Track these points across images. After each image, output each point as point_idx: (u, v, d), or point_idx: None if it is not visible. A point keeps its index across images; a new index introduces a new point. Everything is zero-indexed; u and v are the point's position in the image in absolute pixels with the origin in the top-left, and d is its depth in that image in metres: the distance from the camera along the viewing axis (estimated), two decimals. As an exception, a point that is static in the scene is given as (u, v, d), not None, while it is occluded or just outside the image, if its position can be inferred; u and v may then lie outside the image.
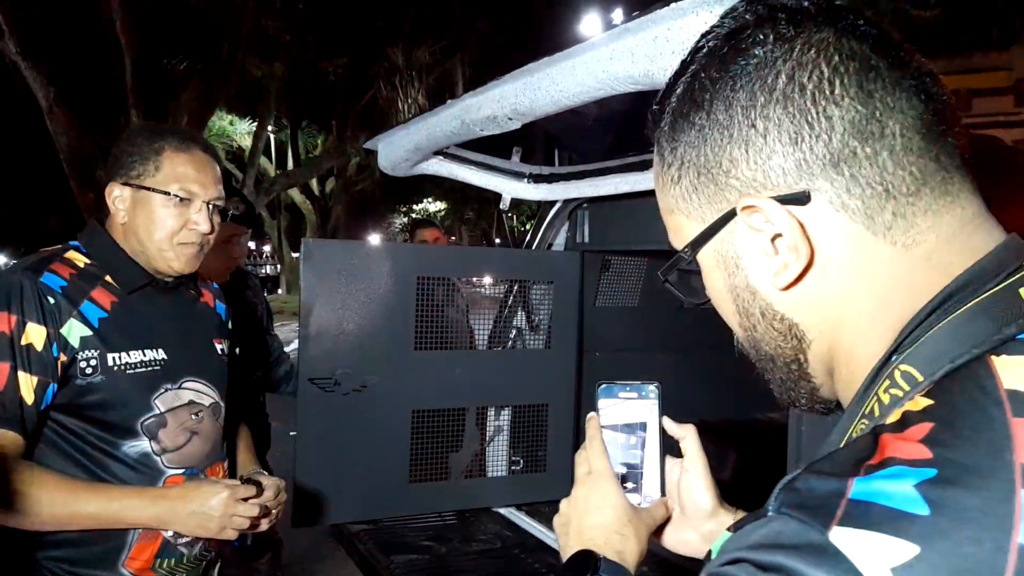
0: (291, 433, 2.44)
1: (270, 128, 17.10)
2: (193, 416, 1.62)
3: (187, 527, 1.49)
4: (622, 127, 2.35)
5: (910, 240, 0.51)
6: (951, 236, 0.51)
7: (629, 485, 0.86)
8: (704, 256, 0.59)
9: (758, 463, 3.27)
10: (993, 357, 0.44)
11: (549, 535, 2.63)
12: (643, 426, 0.88)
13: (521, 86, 1.74)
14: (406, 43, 13.70)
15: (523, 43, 14.67)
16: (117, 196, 1.56)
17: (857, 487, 0.40)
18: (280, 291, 25.86)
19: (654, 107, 0.61)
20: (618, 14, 13.15)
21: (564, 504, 0.87)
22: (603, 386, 0.90)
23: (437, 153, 2.48)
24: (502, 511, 2.79)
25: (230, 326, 1.90)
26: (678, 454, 0.91)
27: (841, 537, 0.38)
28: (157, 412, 1.55)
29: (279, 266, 25.16)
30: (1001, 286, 0.48)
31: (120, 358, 1.50)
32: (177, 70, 10.55)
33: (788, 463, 2.01)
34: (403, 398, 2.49)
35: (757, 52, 0.52)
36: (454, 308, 2.92)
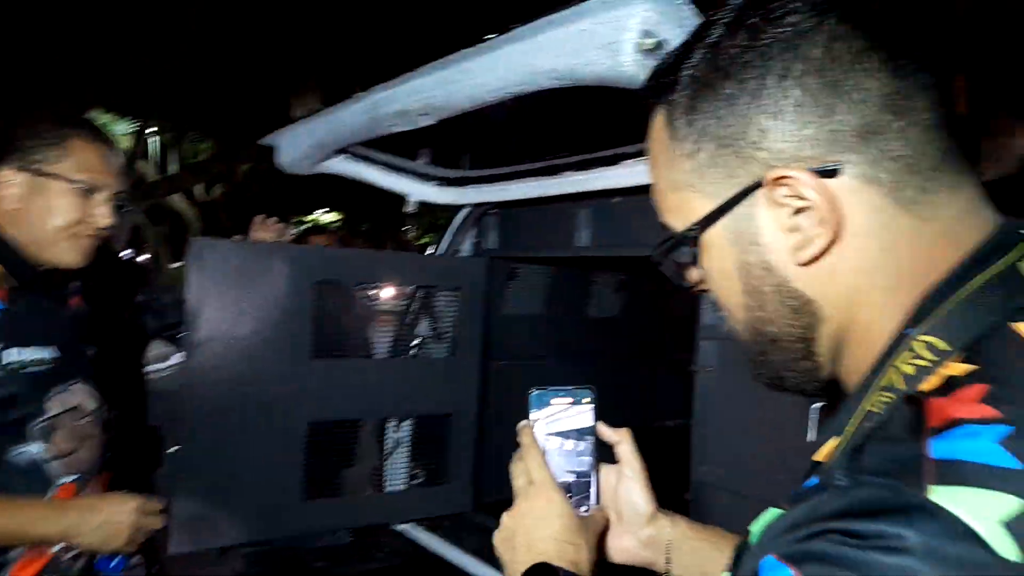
0: (170, 451, 2.24)
1: (149, 132, 16.14)
2: (82, 420, 1.54)
3: (94, 540, 1.41)
4: (534, 130, 2.32)
5: (930, 214, 0.51)
6: (964, 213, 0.52)
7: (571, 495, 0.84)
8: (713, 234, 0.57)
9: (660, 470, 3.32)
10: (1011, 324, 0.46)
11: (450, 550, 2.54)
12: (580, 432, 0.86)
13: (436, 80, 1.67)
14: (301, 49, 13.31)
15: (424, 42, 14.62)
16: (8, 181, 1.46)
17: (938, 448, 0.41)
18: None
19: (657, 79, 0.60)
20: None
21: (506, 518, 0.83)
22: (535, 392, 0.87)
23: (341, 151, 2.36)
24: (400, 528, 2.68)
25: (94, 326, 1.74)
26: (611, 460, 0.91)
27: (943, 496, 0.38)
28: (49, 415, 1.47)
29: (158, 275, 23.72)
30: (1003, 261, 0.50)
31: (15, 355, 1.41)
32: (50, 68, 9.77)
33: (691, 468, 2.04)
34: (299, 410, 2.34)
35: (792, 20, 0.51)
36: (353, 316, 2.79)
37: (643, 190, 2.04)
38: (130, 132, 15.38)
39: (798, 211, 0.52)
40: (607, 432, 0.89)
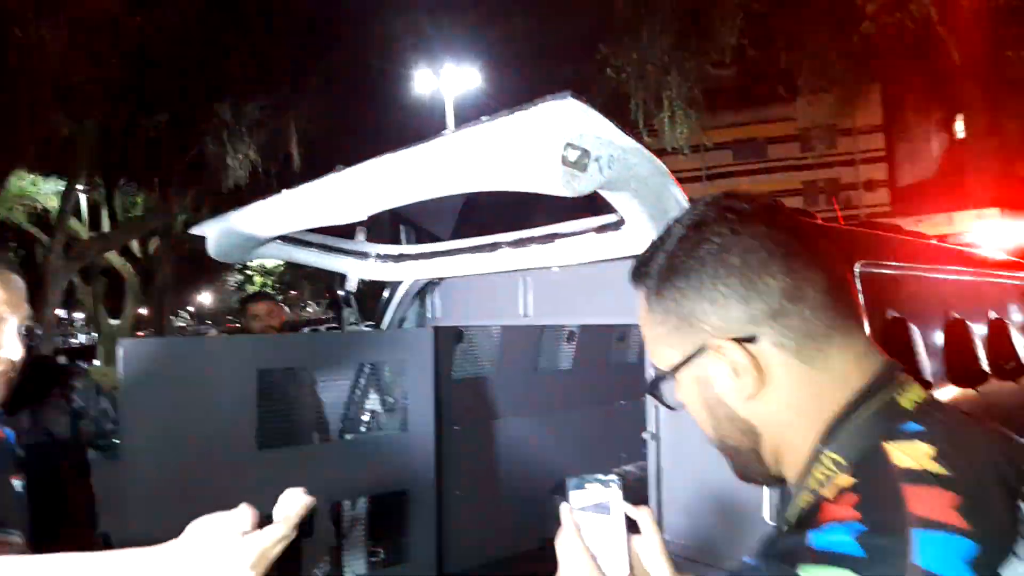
0: None
1: (81, 187, 15.61)
2: None
3: None
4: (468, 209, 2.33)
5: (823, 366, 0.74)
6: (854, 361, 0.74)
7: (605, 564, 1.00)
8: (683, 376, 0.80)
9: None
10: (886, 444, 0.66)
11: None
12: (610, 510, 1.01)
13: (367, 181, 1.66)
14: (234, 98, 13.12)
15: (356, 95, 14.56)
16: None
17: (815, 539, 0.62)
18: (97, 362, 23.46)
19: (638, 267, 0.82)
20: (447, 69, 13.44)
21: None
22: (573, 480, 1.03)
23: (275, 238, 2.32)
24: None
25: (20, 452, 1.63)
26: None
27: (809, 571, 0.60)
28: None
29: (95, 335, 22.87)
30: (884, 394, 0.72)
31: None
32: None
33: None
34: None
35: (717, 240, 0.75)
36: (300, 386, 2.73)
37: (577, 265, 2.08)
38: (58, 191, 14.88)
39: (733, 365, 0.74)
40: (631, 511, 1.02)
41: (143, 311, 19.76)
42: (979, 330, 2.19)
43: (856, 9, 13.92)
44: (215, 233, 2.28)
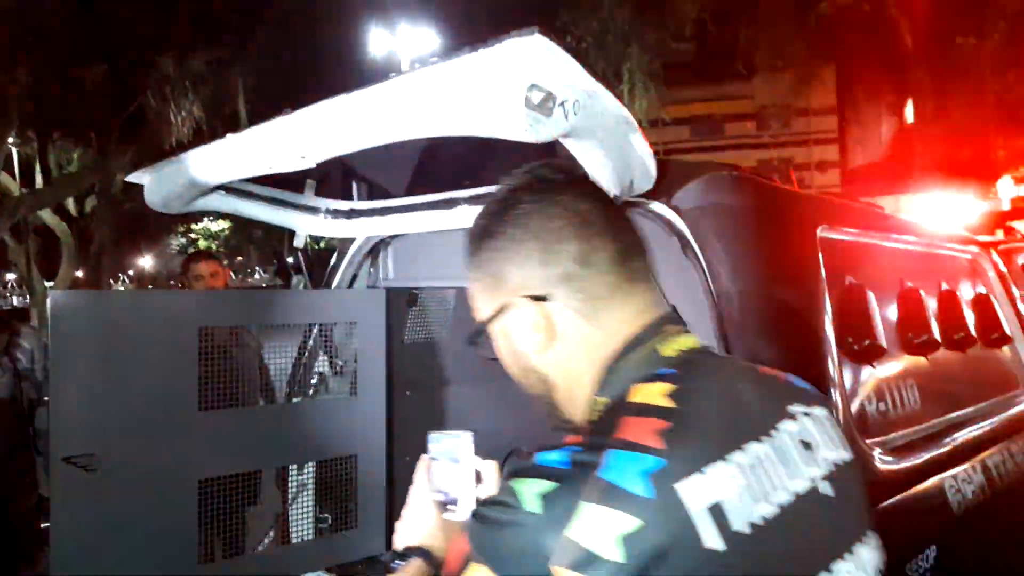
0: (43, 525, 2.03)
1: (12, 142, 14.79)
2: None
3: None
4: (425, 163, 2.24)
5: (605, 324, 0.85)
6: (632, 317, 0.86)
7: (451, 507, 1.16)
8: (493, 329, 0.92)
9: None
10: (634, 386, 0.80)
11: None
12: (459, 460, 1.18)
13: (315, 123, 1.56)
14: (178, 51, 12.56)
15: (308, 53, 14.12)
16: None
17: (538, 458, 0.74)
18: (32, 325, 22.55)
19: (468, 230, 0.96)
20: (403, 29, 13.12)
21: (398, 523, 1.17)
22: (432, 434, 1.24)
23: (218, 188, 2.19)
24: None
25: None
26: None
27: (516, 483, 0.73)
28: None
29: (28, 298, 21.94)
30: (649, 343, 0.84)
31: None
32: None
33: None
34: (187, 467, 2.17)
35: (524, 207, 0.87)
36: (244, 350, 2.62)
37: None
38: (-14, 144, 14.10)
39: (529, 321, 0.86)
40: (479, 462, 1.19)
41: (80, 274, 18.99)
42: (931, 300, 2.21)
43: (814, -11, 14.08)
44: (153, 180, 2.15)
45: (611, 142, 1.42)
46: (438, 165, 2.23)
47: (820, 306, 1.68)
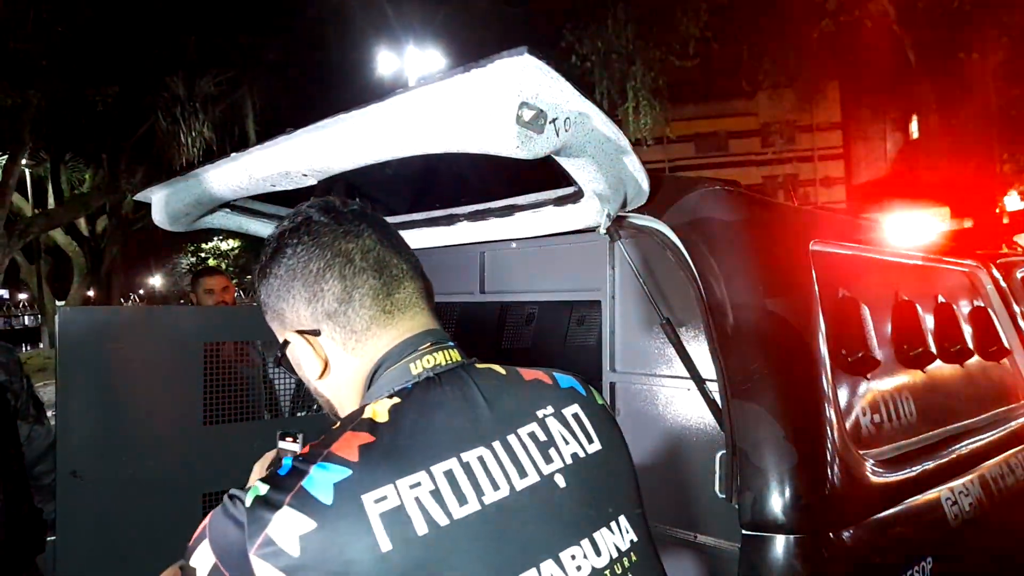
0: (49, 539, 2.05)
1: (24, 162, 14.98)
2: None
3: None
4: (424, 180, 2.28)
5: (363, 353, 0.93)
6: (386, 345, 0.93)
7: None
8: (287, 356, 1.00)
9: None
10: (369, 404, 0.87)
11: None
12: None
13: (316, 142, 1.60)
14: (188, 72, 12.73)
15: (317, 74, 14.26)
16: None
17: (284, 462, 0.82)
18: (42, 345, 22.67)
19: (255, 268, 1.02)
20: (410, 51, 13.26)
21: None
22: (281, 432, 1.29)
23: (223, 206, 2.24)
24: None
25: None
26: None
27: (240, 492, 0.81)
28: None
29: (40, 317, 22.08)
30: (400, 363, 0.91)
31: None
32: None
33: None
34: (191, 482, 2.19)
35: (290, 249, 0.94)
36: (249, 365, 2.65)
37: (539, 239, 2.05)
38: (1, 163, 14.29)
39: (305, 352, 0.94)
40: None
41: (91, 293, 19.13)
42: (927, 313, 2.22)
43: (816, 6, 14.15)
44: (160, 198, 2.19)
45: (603, 159, 1.46)
46: (439, 187, 2.27)
47: (813, 318, 1.70)
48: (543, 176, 1.88)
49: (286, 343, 0.97)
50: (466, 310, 3.19)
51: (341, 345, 0.92)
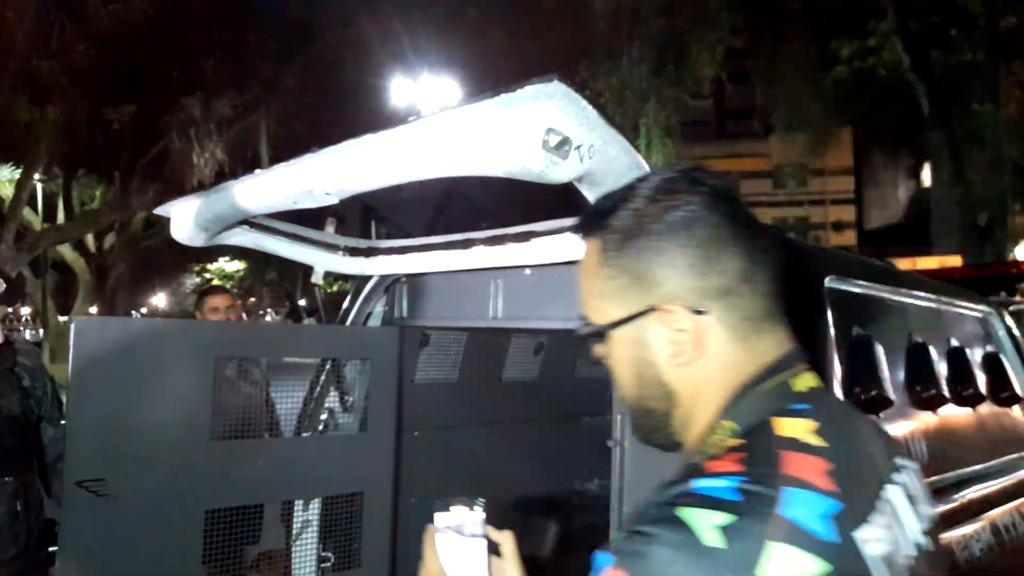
0: (50, 549, 2.04)
1: (37, 177, 15.16)
2: None
3: None
4: (443, 203, 2.30)
5: (751, 347, 0.79)
6: (772, 346, 0.80)
7: None
8: (620, 333, 0.82)
9: (580, 532, 3.30)
10: (774, 418, 0.75)
11: None
12: (472, 532, 1.09)
13: (340, 162, 1.63)
14: (204, 94, 12.93)
15: (332, 100, 14.46)
16: None
17: (695, 485, 0.69)
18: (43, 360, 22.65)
19: (594, 218, 0.84)
20: (425, 79, 13.46)
21: None
22: (438, 501, 1.11)
23: (242, 223, 2.26)
24: None
25: None
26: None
27: (684, 512, 0.66)
28: None
29: (42, 331, 22.13)
30: (779, 376, 0.79)
31: None
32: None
33: (611, 528, 2.00)
34: (195, 497, 2.18)
35: (687, 209, 0.78)
36: (249, 384, 2.65)
37: (553, 265, 2.06)
38: (12, 178, 14.45)
39: (679, 331, 0.78)
40: (494, 533, 1.11)
41: (94, 310, 19.20)
42: (940, 356, 2.22)
43: (831, 53, 14.35)
44: (180, 213, 2.22)
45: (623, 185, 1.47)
46: (456, 211, 2.29)
47: (827, 355, 1.69)
48: (561, 204, 1.90)
49: (628, 319, 0.79)
50: (473, 338, 3.19)
51: (730, 331, 0.78)
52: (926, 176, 18.75)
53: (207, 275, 30.65)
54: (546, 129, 1.24)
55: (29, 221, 16.50)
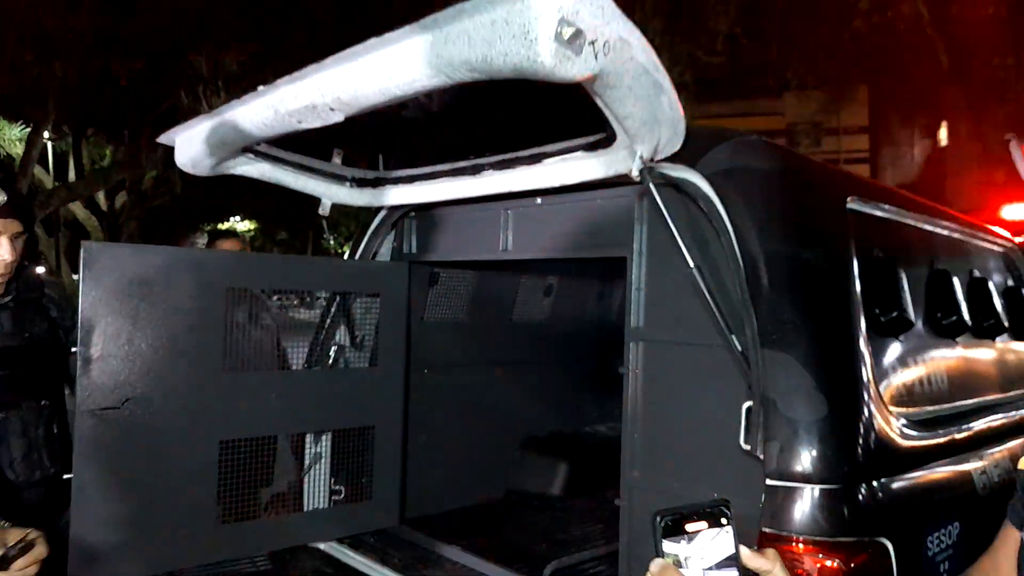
0: (65, 477, 2.04)
1: (47, 135, 15.11)
2: None
3: None
4: (450, 129, 2.24)
5: None
6: None
7: None
8: None
9: (591, 474, 3.30)
10: None
11: (375, 569, 2.42)
12: (721, 564, 0.73)
13: (345, 72, 1.57)
14: (211, 49, 12.76)
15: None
16: None
17: None
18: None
19: None
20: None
21: None
22: (663, 519, 0.72)
23: (247, 150, 2.22)
24: (324, 547, 2.54)
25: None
26: None
27: None
28: None
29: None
30: None
31: None
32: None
33: (622, 472, 1.99)
34: (209, 427, 2.18)
35: None
36: (259, 326, 2.64)
37: (566, 190, 2.01)
38: (22, 136, 14.40)
39: None
40: (753, 560, 0.77)
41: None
42: (962, 284, 2.17)
43: (849, 6, 13.98)
44: (183, 140, 2.17)
45: (640, 92, 1.41)
46: (462, 134, 2.23)
47: (848, 274, 1.65)
48: (568, 121, 1.84)
49: None
50: (483, 276, 3.15)
51: None
52: (943, 135, 18.38)
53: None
54: (558, 20, 1.18)
55: (40, 179, 16.50)
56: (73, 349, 2.03)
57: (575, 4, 1.18)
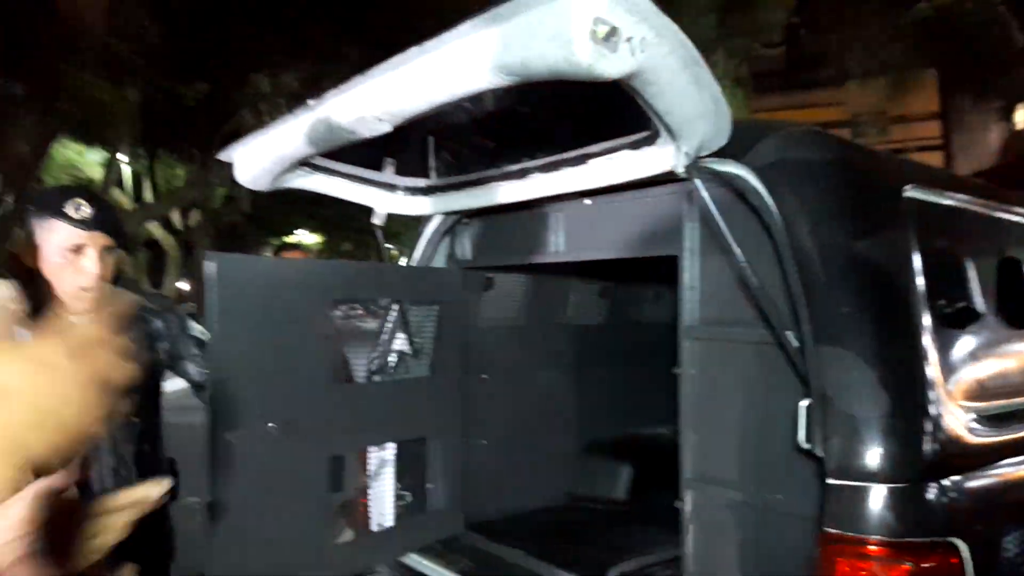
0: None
1: (122, 157, 15.89)
2: None
3: None
4: (497, 134, 2.26)
5: None
6: None
7: None
8: None
9: (650, 476, 3.26)
10: None
11: (442, 573, 2.45)
12: None
13: (388, 82, 1.61)
14: (271, 68, 13.20)
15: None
16: None
17: None
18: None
19: None
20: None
21: None
22: None
23: (303, 164, 2.28)
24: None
25: None
26: None
27: None
28: None
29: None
30: None
31: None
32: (11, 94, 9.56)
33: (681, 474, 1.97)
34: (323, 441, 2.17)
35: None
36: (330, 336, 2.69)
37: (614, 189, 2.00)
38: (102, 161, 15.17)
39: None
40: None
41: (183, 285, 20.12)
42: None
43: (911, -12, 13.45)
44: (241, 156, 2.25)
45: (680, 87, 1.40)
46: (508, 138, 2.24)
47: (909, 265, 1.59)
48: (611, 121, 1.83)
49: None
50: (538, 280, 3.15)
51: None
52: (1019, 118, 17.43)
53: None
54: (594, 19, 1.18)
55: (118, 201, 17.35)
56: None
57: (609, 2, 1.18)
